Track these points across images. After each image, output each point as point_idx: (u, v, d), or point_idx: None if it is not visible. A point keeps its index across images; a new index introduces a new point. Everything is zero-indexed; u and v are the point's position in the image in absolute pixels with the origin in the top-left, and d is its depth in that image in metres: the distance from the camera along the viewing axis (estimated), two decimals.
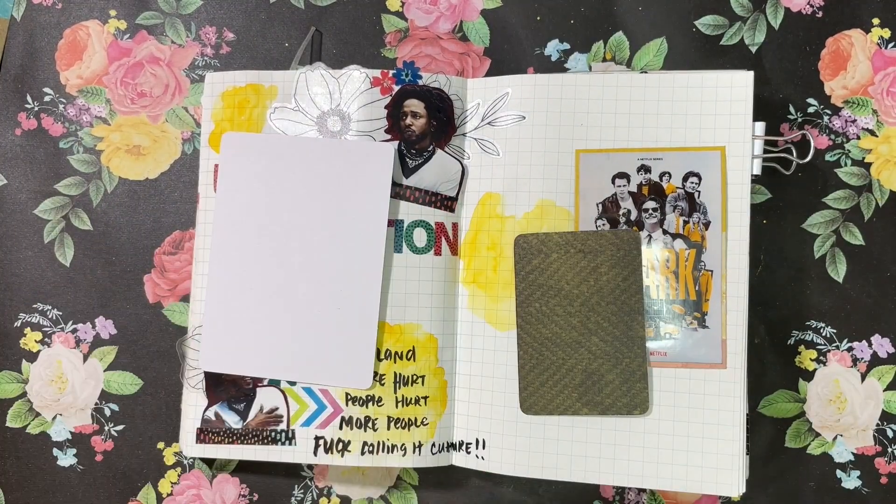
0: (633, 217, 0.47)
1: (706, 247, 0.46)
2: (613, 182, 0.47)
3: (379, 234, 0.47)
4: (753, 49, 0.50)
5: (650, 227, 0.46)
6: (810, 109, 0.50)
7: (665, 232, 0.46)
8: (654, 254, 0.46)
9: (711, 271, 0.45)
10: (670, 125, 0.46)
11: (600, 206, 0.47)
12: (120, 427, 0.51)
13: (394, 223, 0.48)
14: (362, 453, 0.47)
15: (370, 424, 0.47)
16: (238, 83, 0.49)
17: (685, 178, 0.46)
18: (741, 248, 0.45)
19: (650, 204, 0.46)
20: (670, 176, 0.46)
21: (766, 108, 0.50)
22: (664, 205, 0.46)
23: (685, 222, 0.46)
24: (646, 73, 0.47)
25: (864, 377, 0.49)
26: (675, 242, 0.46)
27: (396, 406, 0.47)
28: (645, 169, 0.46)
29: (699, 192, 0.46)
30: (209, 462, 0.51)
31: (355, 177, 0.47)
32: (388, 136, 0.48)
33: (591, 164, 0.47)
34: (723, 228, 0.45)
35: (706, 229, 0.46)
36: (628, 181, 0.47)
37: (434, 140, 0.48)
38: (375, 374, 0.47)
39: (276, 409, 0.48)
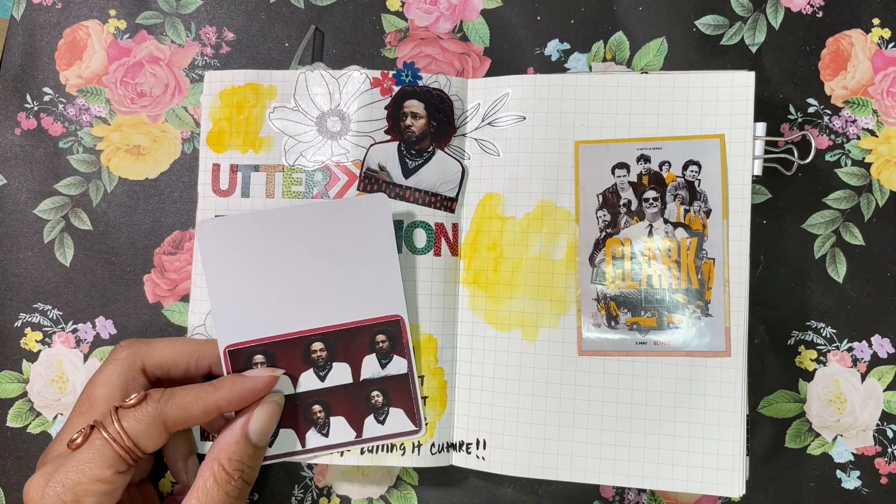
0: (633, 207, 0.47)
1: (707, 235, 0.46)
2: (613, 172, 0.47)
3: (395, 285, 0.46)
4: (753, 49, 0.50)
5: (651, 216, 0.46)
6: (810, 109, 0.50)
7: (666, 221, 0.46)
8: (656, 243, 0.46)
9: (713, 259, 0.45)
10: (671, 118, 0.46)
11: (600, 196, 0.47)
12: None
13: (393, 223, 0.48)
14: (361, 453, 0.47)
15: None
16: (237, 82, 0.49)
17: (685, 167, 0.46)
18: (742, 235, 0.45)
19: (650, 193, 0.47)
20: (670, 165, 0.46)
21: (767, 108, 0.50)
22: (664, 194, 0.46)
23: (686, 211, 0.46)
24: (646, 73, 0.47)
25: (864, 377, 0.49)
26: (677, 231, 0.46)
27: None
28: (644, 159, 0.47)
29: (699, 180, 0.46)
30: None
31: (354, 234, 0.45)
32: (388, 137, 0.48)
33: (591, 154, 0.47)
34: (724, 216, 0.45)
35: (707, 217, 0.46)
36: (628, 171, 0.47)
37: (434, 141, 0.48)
38: None
39: None
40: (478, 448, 0.47)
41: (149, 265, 0.52)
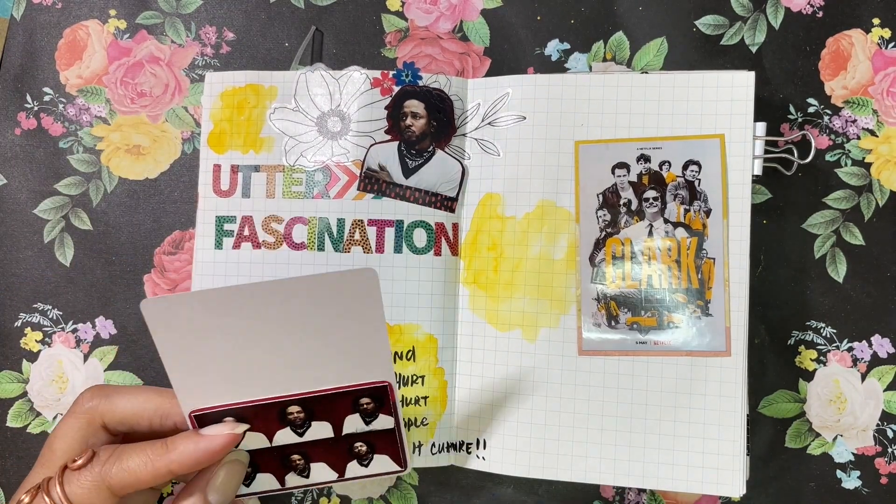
0: (633, 207, 0.47)
1: (707, 235, 0.46)
2: (613, 172, 0.47)
3: (382, 355, 0.38)
4: (753, 49, 0.50)
5: (651, 216, 0.46)
6: (810, 109, 0.50)
7: (666, 221, 0.46)
8: (656, 243, 0.46)
9: (713, 259, 0.45)
10: (671, 118, 0.47)
11: (600, 196, 0.47)
12: None
13: (394, 223, 0.48)
14: None
15: None
16: (238, 83, 0.49)
17: (685, 167, 0.46)
18: (742, 235, 0.45)
19: (651, 193, 0.47)
20: (670, 165, 0.46)
21: (767, 108, 0.50)
22: (665, 193, 0.46)
23: (686, 211, 0.46)
24: (646, 73, 0.47)
25: (864, 377, 0.49)
26: (677, 231, 0.46)
27: None
28: (644, 158, 0.47)
29: (699, 179, 0.46)
30: None
31: (337, 309, 0.36)
32: (389, 137, 0.48)
33: (591, 154, 0.47)
34: (724, 216, 0.45)
35: (707, 217, 0.46)
36: (628, 171, 0.47)
37: (434, 140, 0.49)
38: None
39: None
40: (478, 448, 0.47)
41: (149, 265, 0.51)
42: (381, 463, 0.42)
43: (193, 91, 0.52)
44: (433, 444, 0.47)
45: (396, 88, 0.49)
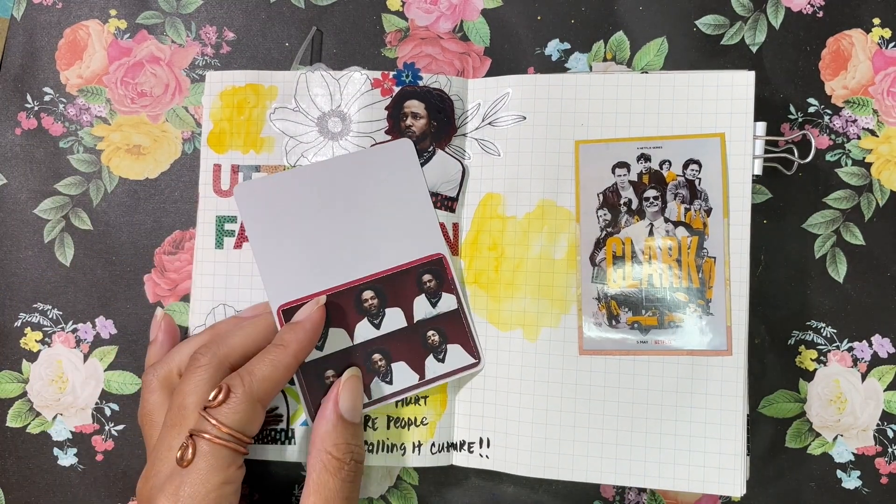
0: (634, 206, 0.47)
1: (708, 234, 0.46)
2: (613, 171, 0.47)
3: (431, 225, 0.47)
4: (754, 49, 0.50)
5: (651, 215, 0.46)
6: (811, 109, 0.50)
7: (667, 220, 0.46)
8: (657, 242, 0.46)
9: (714, 258, 0.45)
10: (672, 118, 0.46)
11: (601, 195, 0.47)
12: (120, 427, 0.51)
13: None
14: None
15: (369, 424, 0.47)
16: (238, 83, 0.49)
17: (685, 166, 0.46)
18: (743, 234, 0.45)
19: (651, 192, 0.47)
20: (670, 164, 0.46)
21: (767, 108, 0.50)
22: (665, 193, 0.46)
23: (686, 210, 0.46)
24: (646, 73, 0.47)
25: (864, 377, 0.49)
26: (678, 230, 0.46)
27: (396, 405, 0.47)
28: (645, 157, 0.47)
29: (700, 179, 0.46)
30: None
31: (385, 180, 0.47)
32: (389, 137, 0.48)
33: (591, 154, 0.47)
34: (724, 215, 0.45)
35: (708, 216, 0.46)
36: (628, 170, 0.47)
37: (434, 140, 0.49)
38: None
39: (276, 408, 0.48)
40: (480, 447, 0.47)
41: (149, 265, 0.51)
42: (456, 355, 0.47)
43: (194, 91, 0.52)
44: (433, 444, 0.47)
45: (397, 89, 0.49)
